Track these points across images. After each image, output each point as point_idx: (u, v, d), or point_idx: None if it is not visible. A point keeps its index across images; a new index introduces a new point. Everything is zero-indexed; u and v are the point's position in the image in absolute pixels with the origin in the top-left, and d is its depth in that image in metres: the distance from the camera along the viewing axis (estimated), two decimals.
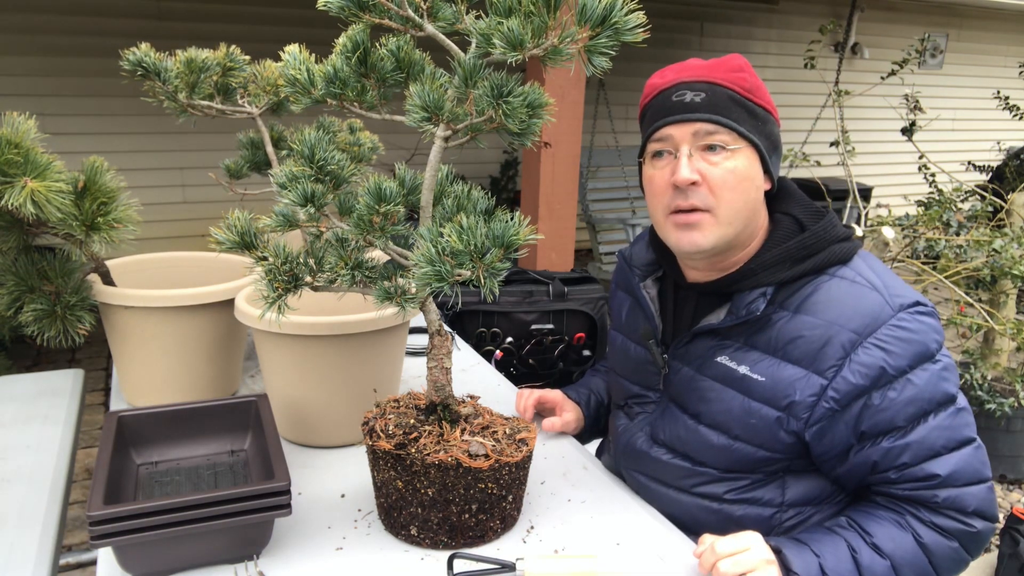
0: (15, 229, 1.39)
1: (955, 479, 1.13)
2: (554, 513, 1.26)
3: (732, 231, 1.19)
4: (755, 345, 1.20)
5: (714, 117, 1.16)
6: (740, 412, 1.19)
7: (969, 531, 1.14)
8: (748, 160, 1.18)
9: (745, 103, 1.17)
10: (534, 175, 3.52)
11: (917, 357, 1.12)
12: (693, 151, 1.17)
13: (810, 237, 1.20)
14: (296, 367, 1.37)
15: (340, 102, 1.09)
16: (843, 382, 1.12)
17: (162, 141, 4.81)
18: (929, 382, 1.12)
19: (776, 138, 1.23)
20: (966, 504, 1.13)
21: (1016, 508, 2.43)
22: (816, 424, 1.14)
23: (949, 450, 1.13)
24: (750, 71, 1.21)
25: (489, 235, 0.95)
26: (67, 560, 2.52)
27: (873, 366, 1.11)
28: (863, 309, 1.14)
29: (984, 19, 7.92)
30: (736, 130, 1.16)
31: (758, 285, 1.19)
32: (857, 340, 1.12)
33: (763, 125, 1.19)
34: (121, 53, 1.49)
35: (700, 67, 1.20)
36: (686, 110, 1.17)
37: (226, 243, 1.09)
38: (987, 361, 3.34)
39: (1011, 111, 4.69)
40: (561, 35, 0.92)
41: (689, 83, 1.18)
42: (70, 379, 1.73)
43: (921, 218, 3.36)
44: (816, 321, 1.15)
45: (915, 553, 1.12)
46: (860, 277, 1.18)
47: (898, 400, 1.12)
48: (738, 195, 1.17)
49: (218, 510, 1.04)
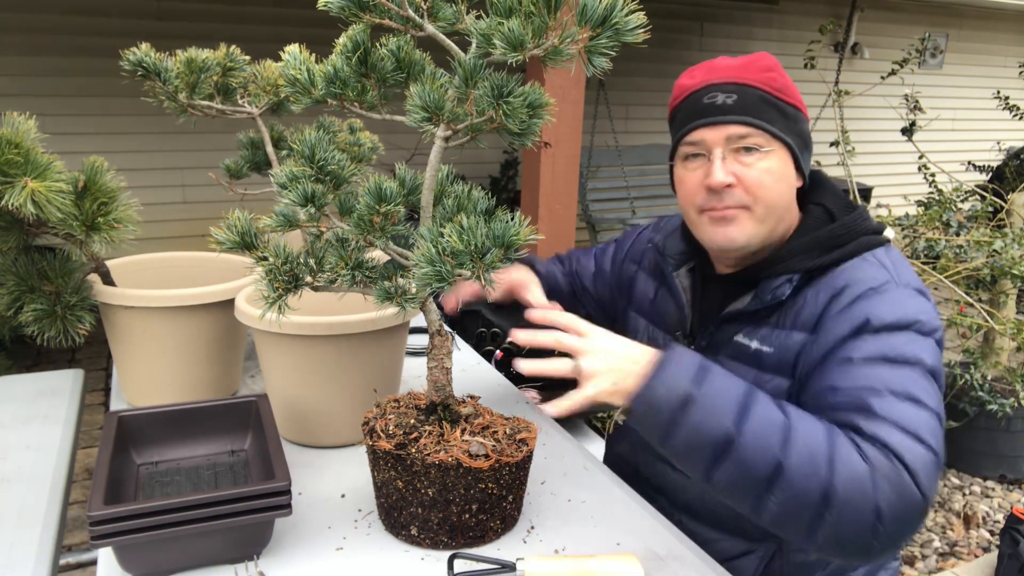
0: (15, 229, 1.39)
1: (888, 415, 1.01)
2: (554, 513, 1.26)
3: (766, 229, 1.21)
4: (767, 321, 1.21)
5: (747, 119, 1.16)
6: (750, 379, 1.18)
7: (888, 464, 0.96)
8: (781, 160, 1.18)
9: (776, 103, 1.17)
10: (534, 175, 3.52)
11: (905, 321, 1.10)
12: (726, 153, 1.18)
13: (840, 227, 1.21)
14: (296, 367, 1.37)
15: (340, 102, 1.09)
16: (828, 333, 1.12)
17: (162, 141, 4.80)
18: (906, 341, 1.08)
19: (807, 136, 1.23)
20: (889, 440, 0.98)
21: (1016, 508, 2.43)
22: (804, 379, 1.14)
23: (895, 395, 1.03)
24: (780, 70, 1.20)
25: (489, 235, 0.95)
26: (67, 560, 2.52)
27: (860, 316, 1.10)
28: (867, 276, 1.15)
29: (984, 19, 7.92)
30: (769, 131, 1.16)
31: (785, 271, 1.20)
32: (854, 300, 1.13)
33: (794, 124, 1.19)
34: (121, 53, 1.49)
35: (730, 67, 1.19)
36: (718, 112, 1.17)
37: (226, 243, 1.09)
38: (987, 361, 3.34)
39: (1011, 111, 4.69)
40: (561, 35, 0.92)
41: (720, 84, 1.18)
42: (70, 379, 1.73)
43: (921, 218, 3.36)
44: (820, 287, 1.17)
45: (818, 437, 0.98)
46: (873, 258, 1.19)
47: (868, 343, 1.08)
48: (775, 193, 1.18)
49: (218, 510, 1.04)
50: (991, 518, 3.17)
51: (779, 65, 1.22)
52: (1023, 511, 2.41)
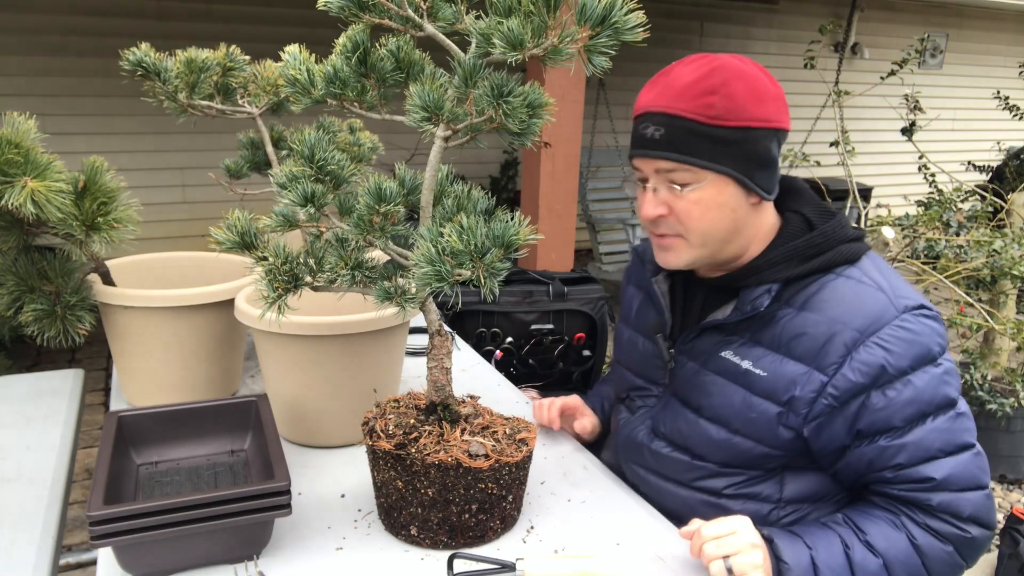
0: (15, 229, 1.39)
1: (951, 483, 1.12)
2: (554, 513, 1.26)
3: (707, 251, 1.21)
4: (759, 341, 1.20)
5: (670, 155, 1.15)
6: (741, 406, 1.20)
7: (964, 536, 1.13)
8: (716, 188, 1.16)
9: (710, 132, 1.13)
10: (534, 175, 3.52)
11: (919, 358, 1.12)
12: (658, 185, 1.19)
13: (818, 236, 1.20)
14: (296, 367, 1.37)
15: (340, 102, 1.09)
16: (843, 379, 1.12)
17: (162, 141, 4.81)
18: (929, 384, 1.12)
19: (762, 152, 1.16)
20: (961, 509, 1.13)
21: (1016, 508, 2.43)
22: (815, 420, 1.15)
23: (946, 454, 1.13)
24: (727, 88, 1.12)
25: (489, 235, 0.95)
26: (67, 560, 2.52)
27: (874, 364, 1.11)
28: (867, 308, 1.14)
29: (984, 19, 7.92)
30: (696, 164, 1.14)
31: (764, 281, 1.20)
32: (860, 338, 1.12)
33: (738, 147, 1.14)
34: (121, 53, 1.49)
35: (669, 92, 1.15)
36: (647, 146, 1.17)
37: (226, 243, 1.09)
38: (987, 361, 3.34)
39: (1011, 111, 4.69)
40: (561, 35, 0.92)
41: (653, 115, 1.16)
42: (70, 379, 1.73)
43: (921, 218, 3.36)
44: (820, 318, 1.16)
45: (908, 554, 1.12)
46: (866, 277, 1.18)
47: (897, 400, 1.11)
48: (706, 223, 1.18)
49: (218, 510, 1.04)
50: None
51: (735, 78, 1.13)
52: (1023, 511, 2.41)
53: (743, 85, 1.13)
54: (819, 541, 1.11)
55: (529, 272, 2.82)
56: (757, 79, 1.16)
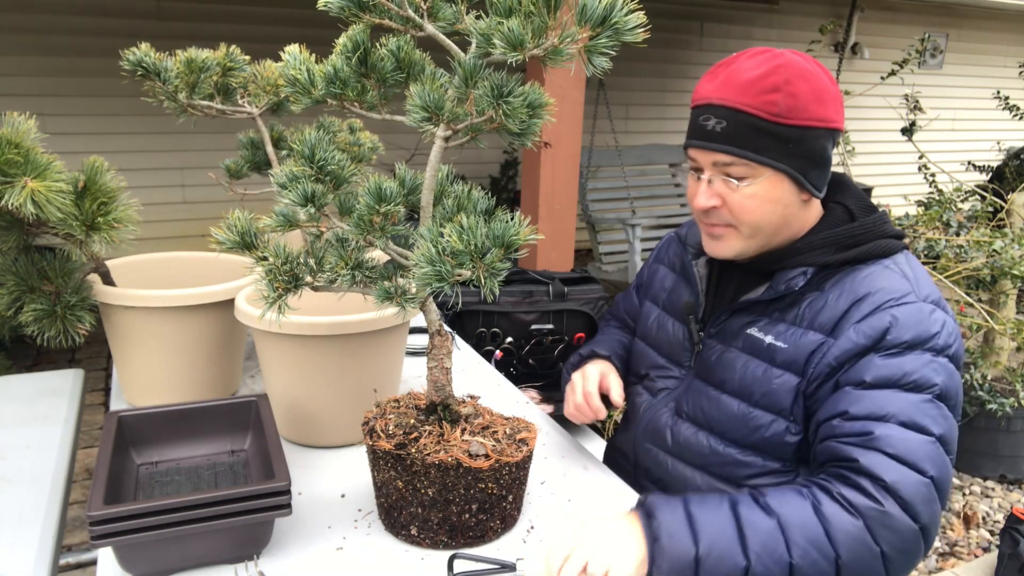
0: (15, 229, 1.39)
1: (887, 446, 1.07)
2: (554, 513, 1.26)
3: (756, 243, 1.25)
4: (784, 318, 1.23)
5: (730, 149, 1.17)
6: (761, 377, 1.22)
7: (877, 509, 1.04)
8: (771, 184, 1.19)
9: (771, 128, 1.15)
10: (534, 175, 3.52)
11: (921, 339, 1.13)
12: (714, 177, 1.22)
13: (859, 227, 1.24)
14: (296, 367, 1.37)
15: (340, 102, 1.09)
16: (847, 340, 1.15)
17: (162, 141, 4.80)
18: (919, 363, 1.11)
19: (818, 152, 1.19)
20: (884, 475, 1.05)
21: (1016, 508, 2.43)
22: (816, 381, 1.17)
23: (900, 423, 1.08)
24: (788, 89, 1.14)
25: (489, 235, 0.95)
26: (67, 560, 2.52)
27: (879, 329, 1.13)
28: (890, 287, 1.17)
29: (984, 19, 7.92)
30: (755, 159, 1.17)
31: (800, 264, 1.23)
32: (874, 310, 1.15)
33: (796, 146, 1.16)
34: (121, 53, 1.49)
35: (734, 85, 1.17)
36: (707, 138, 1.19)
37: (226, 243, 1.09)
38: (987, 361, 3.34)
39: (1011, 111, 4.69)
40: (561, 35, 0.92)
41: (714, 107, 1.18)
42: (70, 379, 1.73)
43: (921, 218, 3.36)
44: (843, 294, 1.19)
45: (808, 518, 1.05)
46: (895, 267, 1.21)
47: (882, 365, 1.12)
48: (759, 216, 1.21)
49: (218, 510, 1.04)
50: (991, 518, 3.17)
51: (795, 79, 1.15)
52: (1023, 511, 2.41)
53: (806, 84, 1.16)
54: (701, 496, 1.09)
55: (529, 272, 2.82)
56: (819, 79, 1.18)
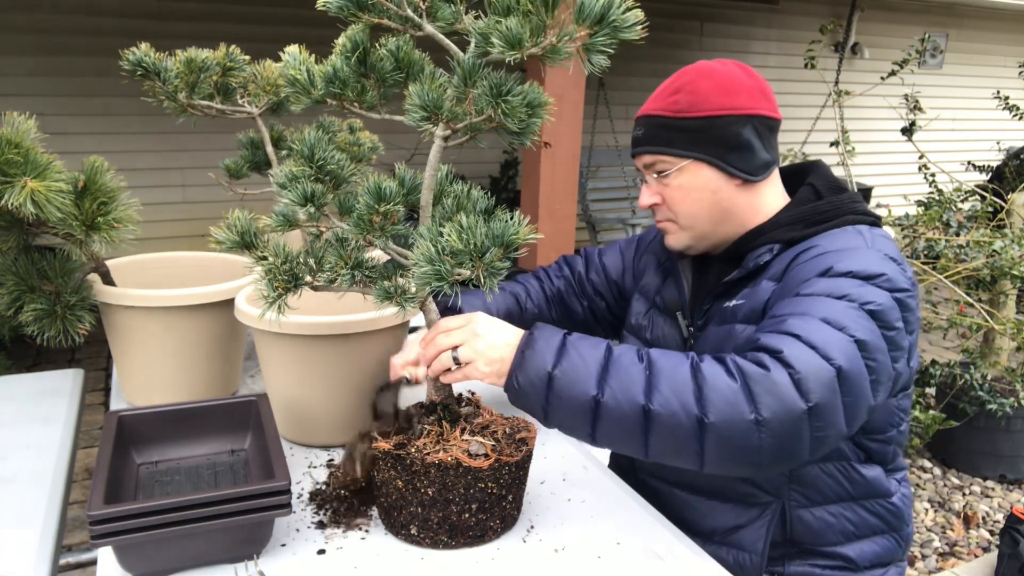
0: (15, 229, 1.39)
1: (799, 331, 1.04)
2: (554, 513, 1.26)
3: (698, 232, 1.31)
4: (746, 286, 1.27)
5: (647, 148, 1.29)
6: (728, 337, 1.25)
7: (761, 373, 1.00)
8: (692, 173, 1.26)
9: (676, 123, 1.24)
10: (534, 175, 3.52)
11: (863, 272, 1.12)
12: (648, 177, 1.33)
13: (825, 204, 1.27)
14: (296, 367, 1.37)
15: (340, 102, 1.10)
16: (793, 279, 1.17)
17: (162, 141, 4.80)
18: (855, 285, 1.11)
19: (731, 137, 1.23)
20: (784, 348, 1.02)
21: (1016, 508, 2.43)
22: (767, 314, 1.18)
23: (821, 319, 1.06)
24: (689, 88, 1.23)
25: (489, 234, 0.96)
26: (67, 560, 2.52)
27: (823, 263, 1.15)
28: (839, 242, 1.20)
29: (984, 19, 7.92)
30: (670, 153, 1.26)
31: (768, 242, 1.27)
32: (821, 254, 1.18)
33: (704, 134, 1.23)
34: (121, 53, 1.49)
35: (650, 100, 1.30)
36: (633, 145, 1.33)
37: (226, 243, 1.09)
38: (987, 361, 3.34)
39: (1011, 111, 4.68)
40: (559, 34, 0.92)
41: (638, 119, 1.32)
42: (70, 379, 1.73)
43: (921, 218, 3.36)
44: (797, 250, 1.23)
45: (681, 372, 1.02)
46: (853, 230, 1.23)
47: (818, 282, 1.13)
48: (690, 205, 1.28)
49: (218, 509, 1.04)
50: (991, 518, 3.17)
51: (701, 76, 1.24)
52: (1023, 511, 2.41)
53: (709, 81, 1.24)
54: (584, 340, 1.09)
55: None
56: (729, 75, 1.25)
